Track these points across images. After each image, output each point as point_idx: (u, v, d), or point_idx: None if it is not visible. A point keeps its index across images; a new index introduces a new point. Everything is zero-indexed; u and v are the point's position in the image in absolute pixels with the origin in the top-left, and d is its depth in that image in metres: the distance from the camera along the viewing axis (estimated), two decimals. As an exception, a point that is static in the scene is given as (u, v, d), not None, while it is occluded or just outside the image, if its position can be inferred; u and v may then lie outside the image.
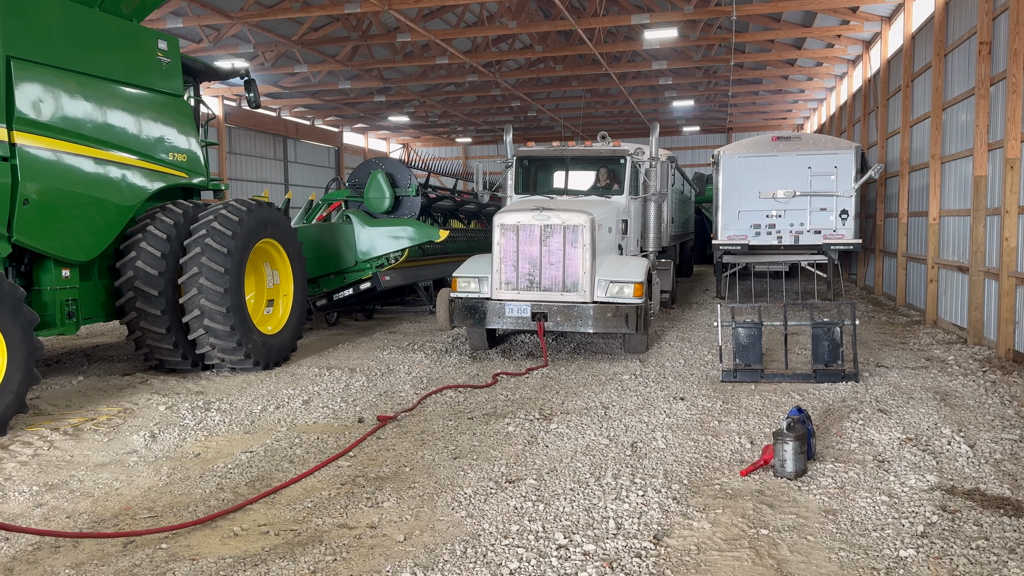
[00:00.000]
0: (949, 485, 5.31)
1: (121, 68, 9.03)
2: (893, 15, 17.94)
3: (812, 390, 8.37)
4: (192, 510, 5.16)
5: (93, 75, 8.61)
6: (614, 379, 9.15)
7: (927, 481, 5.38)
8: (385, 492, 5.42)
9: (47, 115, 7.99)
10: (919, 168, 15.18)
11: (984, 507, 4.89)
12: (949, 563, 4.12)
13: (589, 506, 5.05)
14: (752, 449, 6.26)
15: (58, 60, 8.15)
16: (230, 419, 7.51)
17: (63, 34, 8.26)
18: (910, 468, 5.68)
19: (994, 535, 4.46)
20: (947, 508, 4.87)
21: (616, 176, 12.26)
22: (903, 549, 4.27)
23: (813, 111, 34.40)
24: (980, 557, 4.18)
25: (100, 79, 8.71)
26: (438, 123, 36.84)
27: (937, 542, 4.37)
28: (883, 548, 4.31)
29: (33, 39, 7.86)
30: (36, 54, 7.89)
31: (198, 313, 9.09)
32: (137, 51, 9.33)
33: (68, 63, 8.28)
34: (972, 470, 5.63)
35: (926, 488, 5.25)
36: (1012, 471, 5.58)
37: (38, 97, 7.90)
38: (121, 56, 9.06)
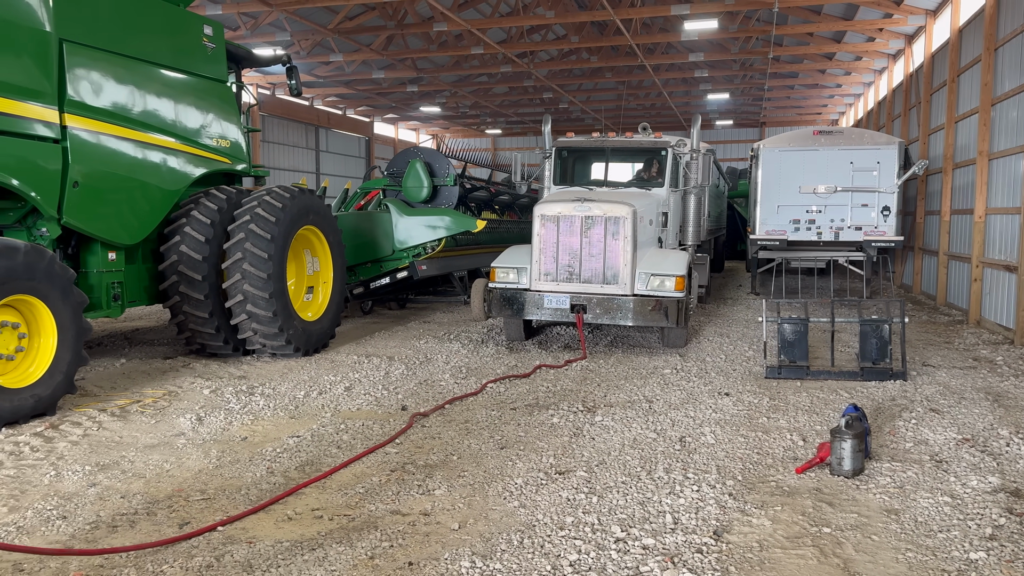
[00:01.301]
0: (1013, 487, 5.17)
1: (168, 53, 9.06)
2: (939, 8, 17.57)
3: (860, 388, 8.22)
4: (244, 493, 5.16)
5: (141, 59, 8.65)
6: (655, 373, 9.06)
7: (989, 483, 5.24)
8: (435, 480, 5.39)
9: (97, 98, 8.04)
10: (964, 165, 14.87)
11: (1052, 511, 4.76)
12: (1022, 567, 4.00)
13: (643, 500, 4.98)
14: (805, 446, 6.16)
15: (108, 43, 8.20)
16: (274, 404, 7.53)
17: (113, 18, 8.30)
18: (970, 469, 5.55)
19: (1066, 540, 4.34)
20: (1014, 511, 4.74)
21: (657, 168, 12.14)
22: (972, 551, 4.16)
23: (849, 106, 33.88)
24: (1054, 562, 4.06)
25: (147, 63, 8.75)
26: (468, 114, 36.78)
27: (1007, 545, 4.25)
28: (951, 550, 4.20)
29: (84, 22, 7.90)
30: (87, 37, 7.93)
31: (241, 298, 9.12)
32: (183, 36, 9.36)
33: (117, 47, 8.32)
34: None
35: (989, 490, 5.12)
36: (1078, 475, 5.43)
37: (88, 80, 7.95)
38: (168, 41, 9.09)
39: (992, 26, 13.11)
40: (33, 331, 6.91)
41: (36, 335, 6.93)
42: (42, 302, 6.81)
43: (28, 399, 6.68)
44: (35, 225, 7.78)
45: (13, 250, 6.52)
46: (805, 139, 16.00)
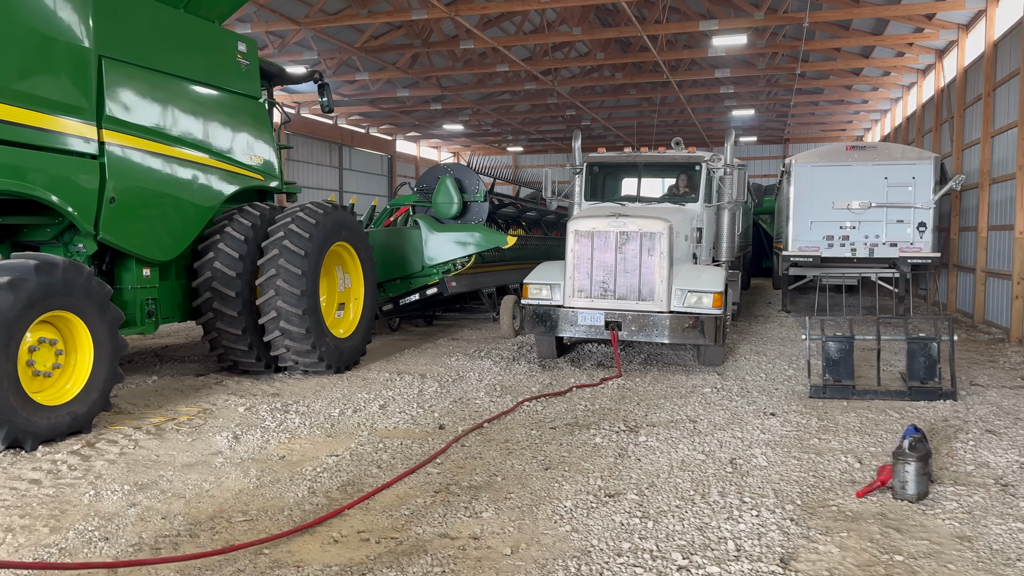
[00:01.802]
0: (1089, 513, 4.94)
1: (203, 69, 9.05)
2: (971, 22, 17.35)
3: (909, 408, 7.97)
4: (287, 514, 5.02)
5: (177, 75, 8.64)
6: (695, 392, 8.85)
7: (1063, 508, 5.01)
8: (482, 502, 5.22)
9: (134, 114, 8.02)
10: (1002, 180, 14.59)
11: None
12: (1116, 600, 3.78)
13: (701, 525, 4.79)
14: (861, 469, 5.93)
15: (145, 60, 8.19)
16: (310, 422, 7.41)
17: (149, 34, 8.29)
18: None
19: None
20: (1095, 539, 4.51)
21: (690, 183, 11.99)
22: (1060, 583, 3.94)
23: (875, 122, 33.58)
24: None
25: (183, 80, 8.74)
26: (490, 131, 36.83)
27: (1095, 576, 4.03)
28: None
29: (122, 39, 7.90)
30: (125, 53, 7.92)
31: (274, 315, 9.04)
32: (218, 53, 9.36)
33: (154, 63, 8.32)
34: (1109, 498, 5.24)
35: (1064, 516, 4.89)
36: None
37: (126, 96, 7.93)
38: (203, 57, 9.09)
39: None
40: (70, 348, 6.84)
41: (73, 352, 6.86)
42: (79, 318, 6.75)
43: (65, 416, 6.60)
44: (72, 241, 7.75)
45: (52, 266, 6.47)
46: (838, 154, 15.79)
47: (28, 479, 5.67)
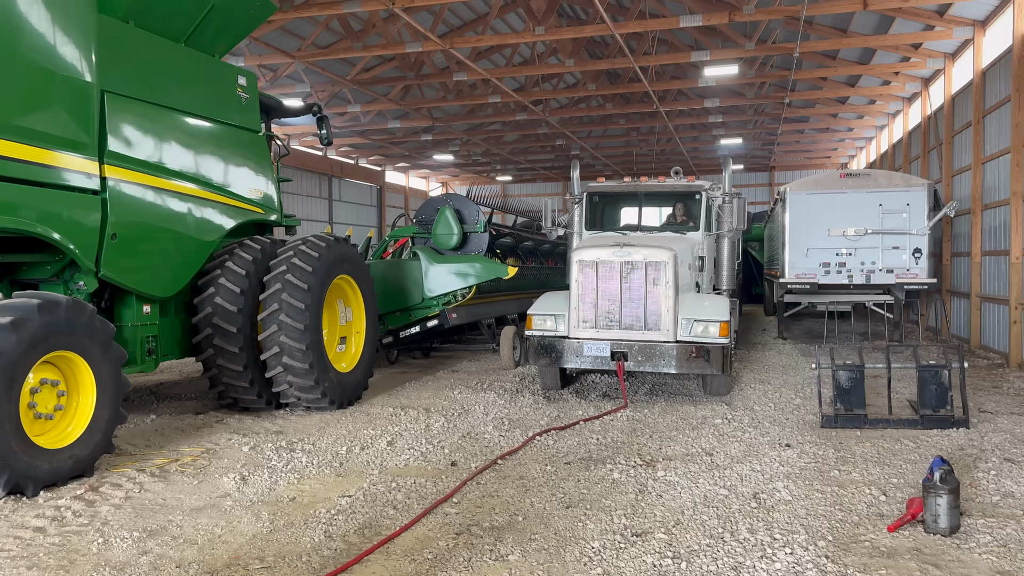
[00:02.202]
0: None
1: (203, 103, 8.97)
2: (958, 51, 17.62)
3: (923, 437, 7.90)
4: (305, 560, 4.85)
5: (178, 110, 8.55)
6: (705, 423, 8.75)
7: (1099, 540, 4.92)
8: (506, 544, 5.07)
9: (135, 149, 7.91)
10: (994, 206, 14.72)
11: None
12: None
13: (735, 565, 4.66)
14: (887, 501, 5.84)
15: (146, 94, 8.10)
16: (318, 461, 7.23)
17: (151, 68, 8.22)
18: (1073, 525, 5.23)
19: None
20: None
21: (688, 212, 11.98)
22: (1113, 620, 3.84)
23: (860, 149, 33.96)
24: None
25: (184, 114, 8.65)
26: (480, 161, 36.94)
27: None
28: (1088, 619, 3.88)
29: (124, 73, 7.81)
30: (127, 88, 7.83)
31: (277, 350, 8.88)
32: (219, 86, 9.29)
33: (155, 97, 8.23)
34: None
35: (1102, 549, 4.80)
36: None
37: (127, 131, 7.83)
38: (204, 91, 9.02)
39: (1021, 67, 13.07)
40: (72, 388, 6.66)
41: (75, 392, 6.67)
42: (82, 358, 6.57)
43: (67, 460, 6.40)
44: (72, 279, 7.59)
45: (55, 305, 6.30)
46: (832, 182, 15.91)
47: (32, 527, 5.46)
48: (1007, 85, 13.87)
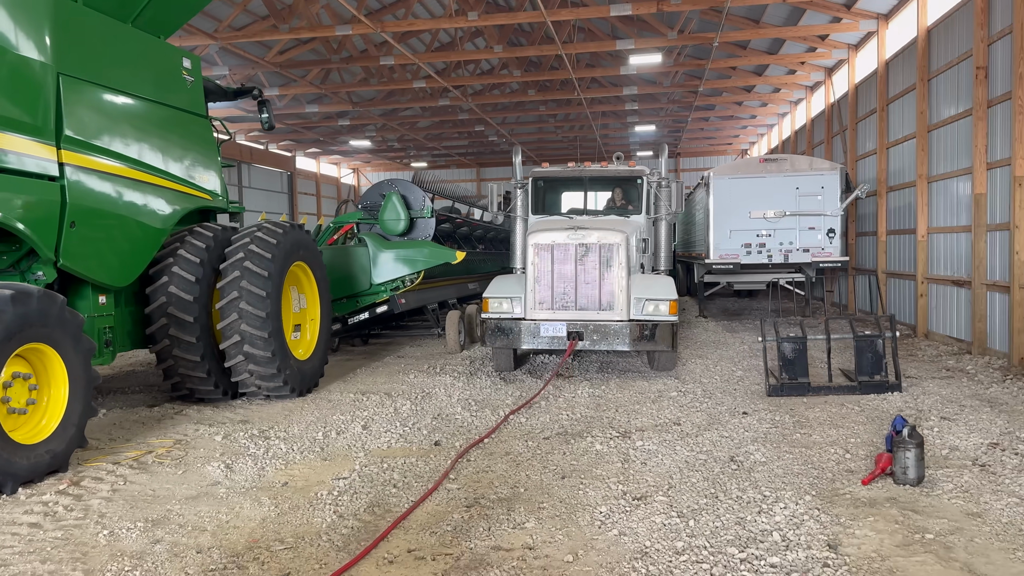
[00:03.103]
0: (1066, 485, 5.50)
1: (154, 87, 8.70)
2: (861, 43, 18.75)
3: (864, 401, 8.56)
4: (326, 539, 4.91)
5: (130, 93, 8.27)
6: (663, 396, 9.17)
7: (1043, 482, 5.55)
8: (519, 513, 5.28)
9: (92, 134, 7.63)
10: (899, 188, 15.83)
11: (1114, 505, 5.08)
12: None
13: (739, 520, 5.02)
14: (852, 459, 6.36)
15: (100, 78, 7.81)
16: (298, 447, 7.22)
17: (104, 51, 7.92)
18: (1017, 471, 5.86)
19: None
20: (1084, 507, 5.04)
21: (627, 196, 12.39)
22: (1077, 547, 4.39)
23: (761, 136, 35.55)
24: None
25: (136, 98, 8.38)
26: (395, 147, 36.63)
27: (1101, 539, 4.51)
28: (1056, 547, 4.43)
29: (78, 56, 7.51)
30: (81, 71, 7.53)
31: (238, 339, 8.74)
32: (167, 69, 9.02)
33: (108, 80, 7.94)
34: (1075, 471, 5.84)
35: (1047, 489, 5.42)
36: (1114, 470, 5.81)
37: (83, 115, 7.53)
38: (153, 74, 8.74)
39: (924, 59, 14.09)
40: (43, 382, 6.42)
41: (47, 386, 6.44)
42: (55, 350, 6.35)
43: (44, 455, 6.18)
44: (30, 269, 7.26)
45: (27, 296, 6.06)
46: (753, 167, 16.71)
47: (26, 523, 5.29)
48: (911, 75, 14.92)
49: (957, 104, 12.80)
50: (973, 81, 11.81)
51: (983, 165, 11.67)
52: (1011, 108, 10.61)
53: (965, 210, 12.51)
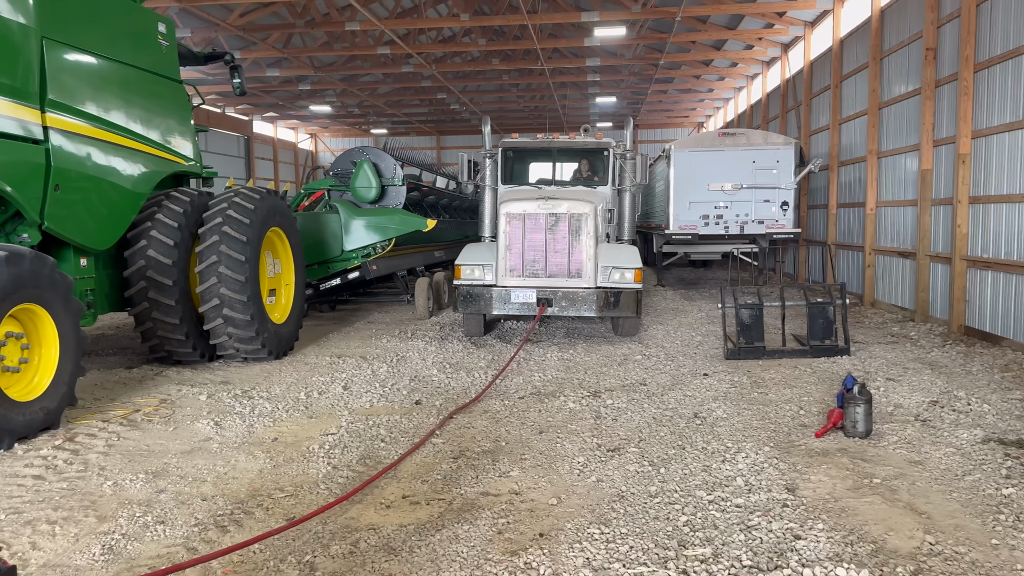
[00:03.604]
0: (996, 437, 6.07)
1: (131, 51, 8.73)
2: (817, 20, 19.29)
3: (815, 364, 9.13)
4: (325, 487, 5.24)
5: (109, 57, 8.31)
6: (628, 360, 9.63)
7: (976, 435, 6.13)
8: (503, 463, 5.67)
9: (74, 98, 7.68)
10: (850, 163, 16.47)
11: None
12: (1046, 497, 4.81)
13: (705, 468, 5.49)
14: (805, 415, 6.88)
15: (81, 42, 7.84)
16: (283, 406, 7.49)
17: (85, 15, 7.95)
18: (953, 424, 6.44)
19: (1062, 474, 5.21)
20: (1010, 455, 5.61)
21: (593, 167, 12.74)
22: (1003, 487, 4.94)
23: (718, 109, 36.15)
24: (1066, 491, 4.90)
25: (115, 62, 8.41)
26: (355, 113, 36.35)
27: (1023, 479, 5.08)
28: (985, 488, 4.97)
29: (61, 19, 7.53)
30: (63, 35, 7.56)
31: (217, 303, 8.92)
32: (143, 33, 9.04)
33: (88, 44, 7.97)
34: (1003, 423, 6.44)
35: (979, 440, 5.99)
36: (1038, 424, 6.43)
37: (66, 79, 7.59)
38: (130, 38, 8.77)
39: (878, 38, 14.65)
40: (35, 341, 6.58)
41: (38, 345, 6.60)
42: (46, 311, 6.50)
43: (38, 412, 6.37)
44: (15, 231, 7.35)
45: (20, 257, 6.20)
46: (712, 140, 17.19)
47: (29, 475, 5.50)
48: (864, 54, 15.48)
49: (907, 83, 13.39)
50: (923, 62, 12.38)
51: (930, 142, 12.29)
52: (957, 89, 11.21)
53: (912, 185, 13.17)
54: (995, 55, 10.39)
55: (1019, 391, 7.57)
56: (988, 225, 10.56)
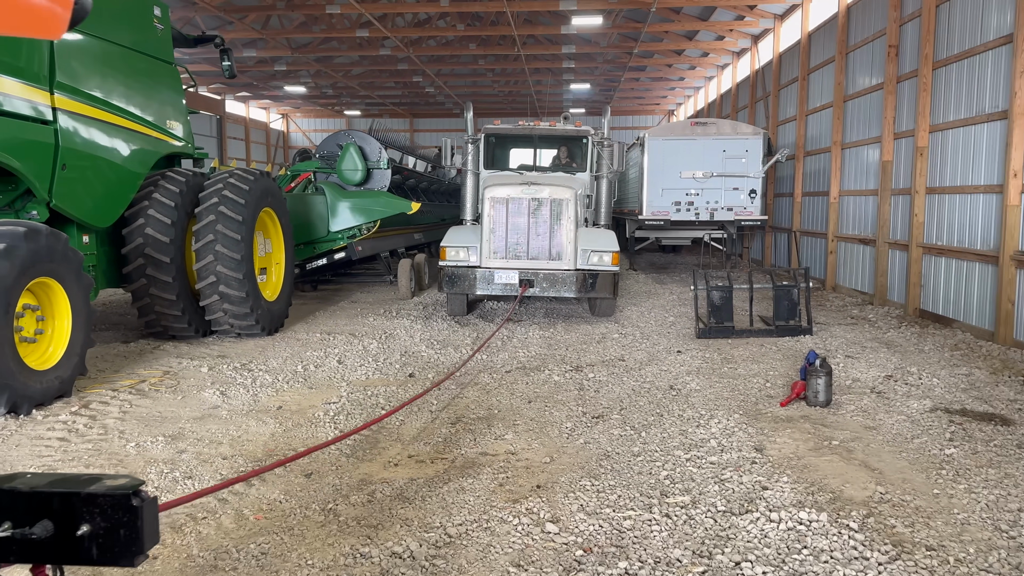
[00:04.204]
0: (943, 406, 6.71)
1: (130, 34, 8.99)
2: (786, 14, 19.90)
3: (781, 343, 9.75)
4: (334, 448, 5.67)
5: (111, 41, 8.57)
6: (606, 338, 10.17)
7: (925, 404, 6.75)
8: (498, 428, 6.16)
9: (80, 80, 7.96)
10: (816, 153, 17.16)
11: (977, 420, 6.30)
12: (983, 456, 5.42)
13: (681, 431, 6.03)
14: (771, 387, 7.47)
15: (86, 25, 8.09)
16: (282, 378, 7.90)
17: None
18: (905, 395, 7.07)
19: (998, 437, 5.83)
20: (954, 421, 6.24)
21: (571, 154, 13.22)
22: (946, 448, 5.55)
23: (688, 98, 36.79)
24: (1000, 452, 5.52)
25: (117, 45, 8.67)
26: (328, 94, 36.36)
27: (965, 443, 5.69)
28: (931, 449, 5.58)
29: (66, 1, 7.78)
30: (68, 17, 7.81)
31: (213, 280, 9.26)
32: (140, 17, 9.29)
33: (93, 28, 8.24)
34: (950, 395, 7.08)
35: (928, 409, 6.62)
36: (981, 395, 7.07)
37: (72, 62, 7.86)
38: (129, 22, 9.02)
39: (844, 33, 15.28)
40: (49, 313, 6.90)
41: (52, 317, 6.92)
42: (60, 284, 6.83)
43: (54, 380, 6.71)
44: (24, 208, 7.63)
45: (37, 233, 6.52)
46: (684, 129, 17.76)
47: (54, 438, 5.87)
48: (831, 47, 16.12)
49: (871, 78, 14.04)
50: (886, 58, 13.02)
51: (891, 135, 12.97)
52: (917, 85, 11.86)
53: (873, 175, 13.85)
54: (952, 54, 11.04)
55: (966, 367, 8.24)
56: (943, 214, 11.26)
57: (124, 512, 1.79)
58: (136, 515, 1.79)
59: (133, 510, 1.79)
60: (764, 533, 4.17)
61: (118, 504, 1.79)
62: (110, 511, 1.80)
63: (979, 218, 10.30)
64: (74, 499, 1.80)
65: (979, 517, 4.41)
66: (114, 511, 1.79)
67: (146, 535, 1.81)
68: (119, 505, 1.79)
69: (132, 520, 1.79)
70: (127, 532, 1.80)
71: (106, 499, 1.79)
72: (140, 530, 1.80)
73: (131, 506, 1.79)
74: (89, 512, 1.80)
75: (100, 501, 1.80)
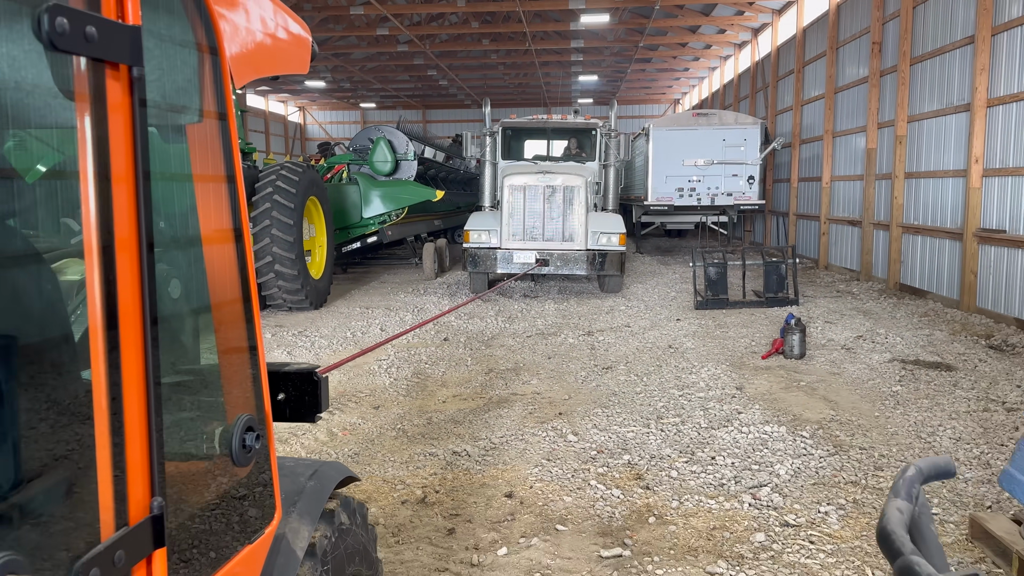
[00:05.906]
0: (900, 358, 7.95)
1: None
2: (784, 8, 21.00)
3: (769, 312, 10.99)
4: (392, 390, 6.96)
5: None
6: (613, 310, 11.43)
7: (885, 356, 8.00)
8: (524, 376, 7.44)
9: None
10: (810, 141, 18.31)
11: (926, 367, 7.53)
12: (923, 392, 6.67)
13: (676, 376, 7.30)
14: (755, 346, 8.72)
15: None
16: (335, 342, 9.20)
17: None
18: (870, 351, 8.31)
19: (939, 380, 7.08)
20: (906, 368, 7.48)
21: (580, 145, 14.44)
22: (894, 386, 6.80)
23: (693, 88, 37.86)
24: (938, 389, 6.76)
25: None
26: (346, 88, 37.61)
27: (911, 383, 6.94)
28: (881, 387, 6.83)
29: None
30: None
31: (269, 259, 10.56)
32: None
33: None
34: (909, 350, 8.31)
35: (886, 360, 7.86)
36: (933, 349, 8.31)
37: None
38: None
39: (834, 29, 16.42)
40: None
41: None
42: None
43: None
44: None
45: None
46: (687, 120, 18.94)
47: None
48: (823, 42, 17.24)
49: (858, 71, 15.19)
50: (870, 54, 14.17)
51: (875, 124, 14.13)
52: (896, 79, 13.02)
53: (860, 162, 15.02)
54: (927, 51, 12.19)
55: (928, 330, 9.47)
56: (919, 197, 12.44)
57: (308, 384, 2.56)
58: (317, 386, 2.53)
59: (314, 383, 2.56)
60: (735, 440, 5.44)
61: (304, 379, 2.57)
62: (299, 383, 2.56)
63: (948, 199, 11.49)
64: (276, 377, 2.55)
65: (906, 431, 5.66)
66: (302, 383, 2.55)
67: (322, 400, 2.52)
68: (305, 379, 2.57)
69: (313, 390, 2.54)
70: (310, 398, 2.57)
71: (296, 376, 2.57)
72: (319, 397, 2.51)
73: (313, 380, 2.57)
74: (284, 385, 2.54)
75: (292, 377, 2.57)
